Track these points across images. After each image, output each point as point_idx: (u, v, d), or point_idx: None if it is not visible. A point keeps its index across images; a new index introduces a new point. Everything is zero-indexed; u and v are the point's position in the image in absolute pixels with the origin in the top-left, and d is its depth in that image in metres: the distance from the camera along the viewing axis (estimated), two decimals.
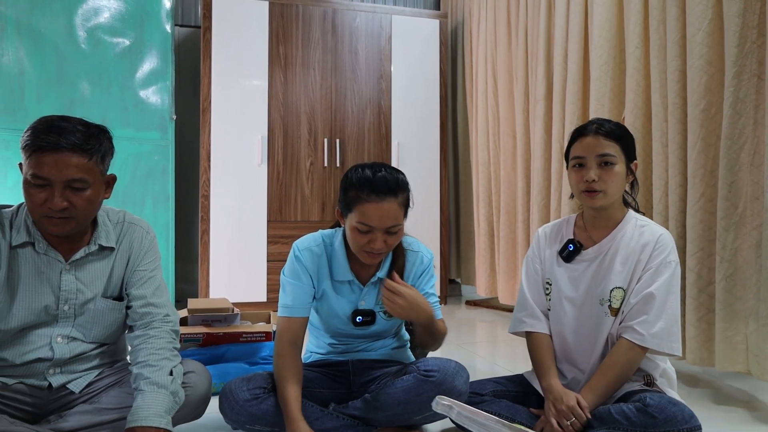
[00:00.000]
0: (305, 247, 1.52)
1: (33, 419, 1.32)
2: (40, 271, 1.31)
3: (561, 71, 2.78)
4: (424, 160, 3.84)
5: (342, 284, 1.52)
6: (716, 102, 1.92)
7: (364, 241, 1.40)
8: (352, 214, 1.41)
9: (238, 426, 1.43)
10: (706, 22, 1.92)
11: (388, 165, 1.46)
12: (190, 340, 2.06)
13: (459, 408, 1.22)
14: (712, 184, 1.92)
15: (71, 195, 1.24)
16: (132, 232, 1.42)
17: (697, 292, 1.93)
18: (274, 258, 3.56)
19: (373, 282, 1.53)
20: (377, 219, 1.37)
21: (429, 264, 1.57)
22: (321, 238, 1.54)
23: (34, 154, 1.21)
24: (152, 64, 3.30)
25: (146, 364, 1.28)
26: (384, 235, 1.39)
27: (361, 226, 1.38)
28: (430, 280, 1.58)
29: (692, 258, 1.95)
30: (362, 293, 1.53)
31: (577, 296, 1.51)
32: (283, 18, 3.61)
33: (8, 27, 3.06)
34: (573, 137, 1.51)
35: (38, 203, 1.23)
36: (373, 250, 1.40)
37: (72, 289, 1.33)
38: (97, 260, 1.37)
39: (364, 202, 1.38)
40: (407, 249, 1.56)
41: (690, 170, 1.97)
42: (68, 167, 1.22)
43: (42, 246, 1.31)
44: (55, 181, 1.22)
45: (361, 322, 1.53)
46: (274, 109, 3.59)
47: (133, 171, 3.26)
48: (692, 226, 1.95)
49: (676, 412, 1.28)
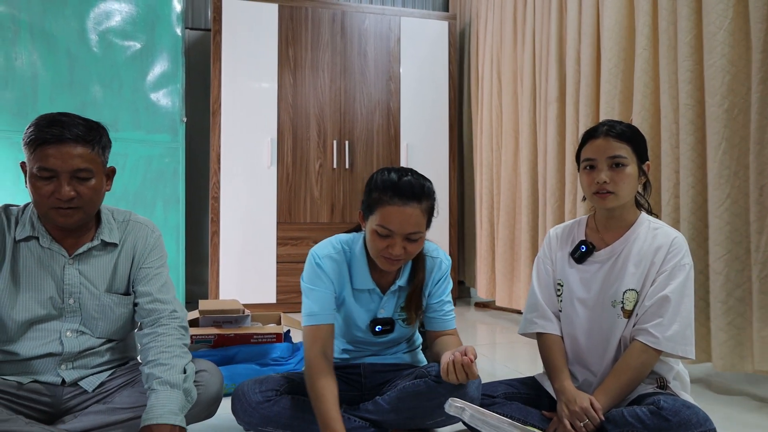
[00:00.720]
0: (325, 255, 1.47)
1: (48, 419, 1.33)
2: (43, 265, 1.34)
3: (574, 73, 2.77)
4: (433, 162, 3.84)
5: (362, 292, 1.50)
6: (739, 102, 1.90)
7: (383, 245, 1.36)
8: (374, 216, 1.37)
9: (250, 427, 1.44)
10: (728, 21, 1.89)
11: (415, 171, 1.42)
12: (202, 341, 2.07)
13: (471, 410, 1.22)
14: (737, 186, 1.89)
15: (77, 185, 1.27)
16: (137, 230, 1.44)
17: (726, 296, 1.88)
18: (283, 259, 3.57)
19: (392, 290, 1.51)
20: (398, 223, 1.34)
21: (447, 270, 1.55)
22: (340, 245, 1.49)
23: (39, 148, 1.24)
24: (163, 67, 3.32)
25: (157, 363, 1.29)
26: (404, 241, 1.36)
27: (381, 229, 1.35)
28: (447, 287, 1.56)
29: (719, 261, 1.90)
30: (382, 302, 1.51)
31: (588, 298, 1.50)
32: (293, 20, 3.63)
33: (22, 31, 3.10)
34: (584, 139, 1.51)
35: (46, 195, 1.25)
36: (392, 255, 1.36)
37: (75, 283, 1.35)
38: (101, 255, 1.39)
39: (387, 204, 1.34)
40: (426, 255, 1.53)
41: (714, 171, 1.93)
42: (73, 157, 1.25)
43: (46, 240, 1.34)
44: (61, 172, 1.25)
45: (381, 331, 1.52)
46: (284, 111, 3.60)
47: (144, 173, 3.28)
48: (719, 228, 1.91)
49: (691, 415, 1.27)
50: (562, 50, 2.93)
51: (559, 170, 2.92)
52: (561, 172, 2.92)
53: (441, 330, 1.55)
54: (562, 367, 1.48)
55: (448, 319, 1.56)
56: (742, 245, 1.89)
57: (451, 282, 1.58)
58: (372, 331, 1.51)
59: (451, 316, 1.56)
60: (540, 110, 3.13)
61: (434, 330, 1.56)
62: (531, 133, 3.23)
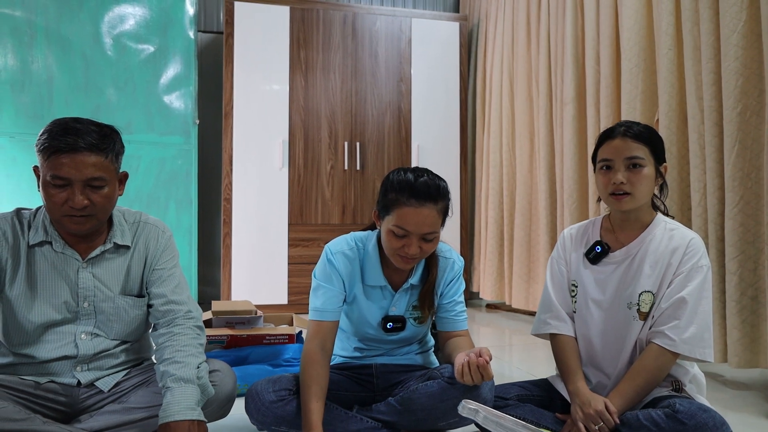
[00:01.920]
0: (338, 251, 1.50)
1: (65, 419, 1.34)
2: (57, 269, 1.34)
3: (594, 74, 2.76)
4: (444, 164, 3.83)
5: (374, 289, 1.52)
6: (752, 105, 1.91)
7: (398, 245, 1.38)
8: (390, 217, 1.39)
9: (263, 427, 1.44)
10: (741, 23, 1.90)
11: (430, 171, 1.43)
12: (215, 341, 2.09)
13: (485, 412, 1.22)
14: (749, 187, 1.92)
15: (91, 193, 1.27)
16: (148, 231, 1.45)
17: (740, 295, 1.93)
18: (295, 261, 3.58)
19: (404, 288, 1.52)
20: (414, 224, 1.36)
21: (459, 271, 1.56)
22: (354, 241, 1.52)
23: (53, 156, 1.24)
24: (176, 69, 3.35)
25: (172, 361, 1.30)
26: (419, 241, 1.37)
27: (398, 229, 1.37)
28: (460, 287, 1.57)
29: (733, 261, 1.94)
30: (393, 299, 1.52)
31: (604, 299, 1.49)
32: (304, 23, 3.64)
33: (38, 35, 3.14)
34: (600, 140, 1.50)
35: (59, 203, 1.26)
36: (408, 255, 1.38)
37: (89, 287, 1.36)
38: (114, 258, 1.40)
39: (403, 206, 1.36)
40: (440, 256, 1.54)
41: (728, 173, 1.96)
42: (87, 167, 1.25)
43: (59, 245, 1.35)
44: (75, 181, 1.25)
45: (392, 329, 1.52)
46: (295, 113, 3.62)
47: (157, 175, 3.31)
48: (732, 229, 1.94)
49: (707, 418, 1.25)
50: (578, 50, 2.92)
51: (577, 171, 2.91)
52: (579, 174, 2.90)
53: (453, 330, 1.55)
54: (576, 369, 1.47)
55: (460, 319, 1.56)
56: (755, 245, 1.92)
57: (463, 283, 1.58)
58: (383, 328, 1.52)
59: (463, 317, 1.56)
60: (556, 111, 3.12)
61: (446, 330, 1.57)
62: (548, 135, 3.21)
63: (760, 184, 1.92)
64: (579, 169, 2.90)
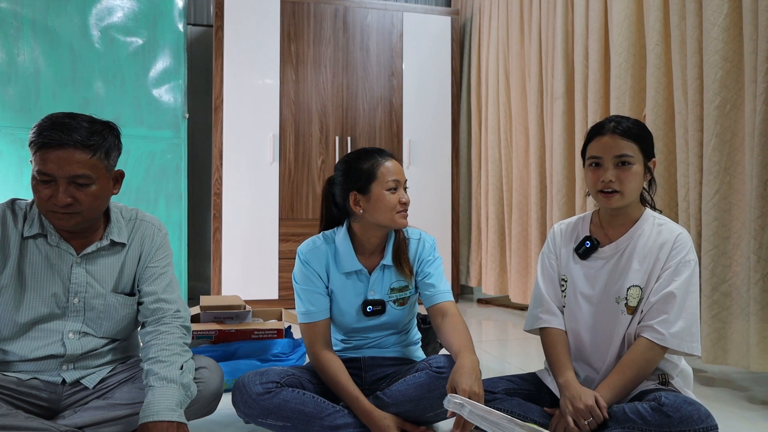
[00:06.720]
0: (309, 249, 1.56)
1: (48, 415, 1.33)
2: (51, 263, 1.33)
3: (582, 69, 2.75)
4: (436, 159, 3.82)
5: (349, 275, 1.55)
6: (731, 98, 1.89)
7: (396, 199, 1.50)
8: (377, 181, 1.49)
9: (250, 420, 1.44)
10: (722, 17, 1.89)
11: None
12: (203, 336, 2.07)
13: (471, 406, 1.21)
14: (726, 182, 1.90)
15: (75, 191, 1.25)
16: (144, 229, 1.43)
17: (711, 290, 1.91)
18: (285, 256, 3.57)
19: (378, 268, 1.55)
20: (397, 171, 1.51)
21: (432, 248, 1.62)
22: (322, 237, 1.59)
23: (39, 151, 1.23)
24: (165, 63, 3.32)
25: (156, 360, 1.29)
26: (402, 189, 1.53)
27: (393, 182, 1.49)
28: (436, 262, 1.59)
29: (706, 256, 1.92)
30: (370, 282, 1.55)
31: (593, 294, 1.49)
32: (295, 16, 3.62)
33: (24, 27, 3.10)
34: (590, 135, 1.49)
35: (44, 199, 1.25)
36: (406, 205, 1.51)
37: (82, 282, 1.34)
38: (109, 255, 1.39)
39: (381, 164, 1.50)
40: (409, 238, 1.61)
41: (705, 167, 1.94)
42: (71, 163, 1.23)
43: (54, 238, 1.33)
44: (58, 177, 1.23)
45: (372, 312, 1.55)
46: (286, 107, 3.60)
47: (146, 169, 3.28)
48: (707, 223, 1.93)
49: (692, 411, 1.25)
50: (568, 46, 2.92)
51: (566, 167, 2.91)
52: (567, 169, 2.91)
53: (438, 303, 1.55)
54: (566, 362, 1.46)
55: (444, 291, 1.56)
56: (730, 241, 1.89)
57: (440, 257, 1.61)
58: (363, 311, 1.54)
59: (445, 289, 1.56)
60: (547, 106, 3.12)
61: (433, 305, 1.55)
62: (539, 130, 3.22)
63: (740, 178, 1.89)
64: (568, 164, 2.91)
